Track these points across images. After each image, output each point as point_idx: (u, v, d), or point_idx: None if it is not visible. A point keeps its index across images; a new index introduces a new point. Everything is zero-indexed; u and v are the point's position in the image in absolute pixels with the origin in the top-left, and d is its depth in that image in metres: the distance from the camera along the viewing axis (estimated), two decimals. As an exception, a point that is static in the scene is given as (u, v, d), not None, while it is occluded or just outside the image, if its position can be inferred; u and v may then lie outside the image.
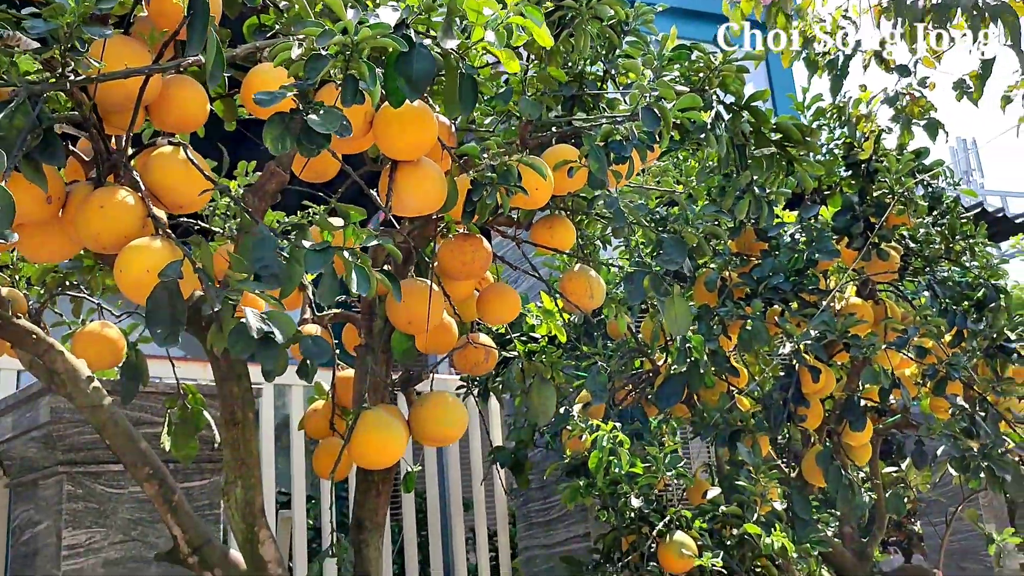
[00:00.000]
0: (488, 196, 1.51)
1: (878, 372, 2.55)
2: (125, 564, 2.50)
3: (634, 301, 1.84)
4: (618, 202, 1.76)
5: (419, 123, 1.49)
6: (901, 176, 2.92)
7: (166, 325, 1.23)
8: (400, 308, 1.81)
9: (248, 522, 1.70)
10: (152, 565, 2.52)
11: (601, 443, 2.29)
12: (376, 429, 1.65)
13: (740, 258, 3.10)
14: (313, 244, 1.25)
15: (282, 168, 1.70)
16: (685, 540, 2.15)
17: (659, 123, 1.64)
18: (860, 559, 3.23)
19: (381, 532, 2.01)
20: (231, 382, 1.69)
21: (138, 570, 2.52)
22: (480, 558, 4.08)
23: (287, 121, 1.22)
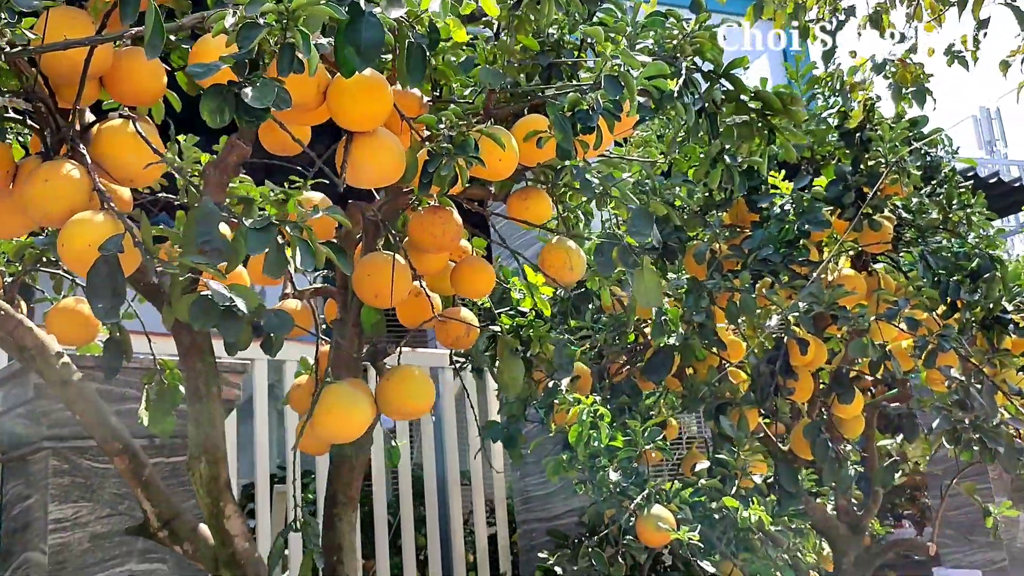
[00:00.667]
0: (444, 167, 1.49)
1: (866, 344, 2.51)
2: (111, 538, 2.52)
3: (604, 273, 1.82)
4: (584, 172, 1.73)
5: (372, 93, 1.47)
6: (895, 145, 2.86)
7: (107, 299, 1.22)
8: (365, 281, 1.80)
9: (213, 497, 1.70)
10: (138, 540, 2.54)
11: (581, 417, 2.27)
12: (338, 403, 1.64)
13: (731, 230, 3.06)
14: (254, 221, 1.24)
15: (244, 141, 1.68)
16: (662, 513, 2.14)
17: (622, 91, 1.61)
18: (854, 532, 3.21)
19: (355, 506, 2.01)
20: (194, 357, 1.69)
21: (124, 544, 2.54)
22: (478, 532, 4.09)
23: (224, 94, 1.20)
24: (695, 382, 2.78)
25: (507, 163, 1.70)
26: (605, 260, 1.80)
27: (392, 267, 1.72)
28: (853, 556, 3.18)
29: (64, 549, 2.46)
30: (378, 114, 1.50)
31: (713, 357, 2.98)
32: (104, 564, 2.51)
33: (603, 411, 2.29)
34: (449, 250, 1.95)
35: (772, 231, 2.82)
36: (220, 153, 1.68)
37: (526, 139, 1.80)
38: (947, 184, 3.15)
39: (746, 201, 2.99)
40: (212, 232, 1.25)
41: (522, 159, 1.89)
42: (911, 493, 8.14)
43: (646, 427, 2.29)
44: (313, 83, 1.46)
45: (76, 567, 2.47)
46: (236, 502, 1.73)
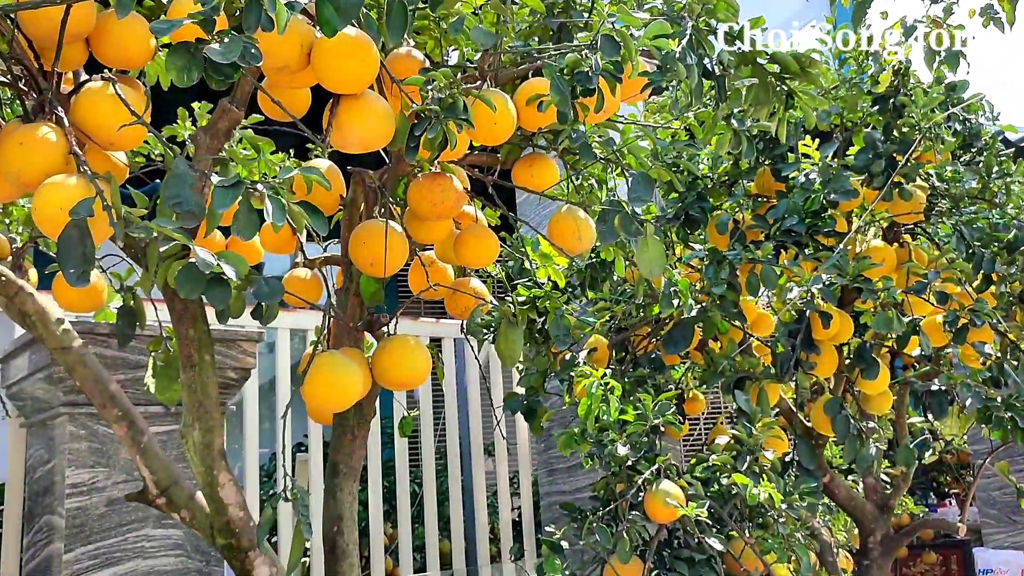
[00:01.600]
0: (430, 130, 1.44)
1: (891, 318, 2.42)
2: (128, 503, 2.55)
3: (606, 242, 1.76)
4: (584, 136, 1.67)
5: (356, 54, 1.42)
6: (929, 110, 2.74)
7: (77, 264, 1.20)
8: (361, 249, 1.77)
9: (207, 464, 1.69)
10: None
11: (591, 389, 2.23)
12: (326, 371, 1.61)
13: (756, 200, 2.97)
14: (222, 179, 1.21)
15: (235, 105, 1.66)
16: (671, 489, 2.09)
17: (619, 51, 1.54)
18: (882, 511, 3.13)
19: (356, 477, 2.00)
20: (187, 323, 1.67)
21: (140, 509, 2.57)
22: (501, 504, 4.08)
23: (193, 51, 1.17)
24: (715, 355, 2.72)
25: (503, 127, 1.65)
26: (608, 228, 1.74)
27: (385, 234, 1.68)
28: (880, 536, 3.10)
29: (81, 513, 2.50)
30: (363, 75, 1.45)
31: (736, 331, 2.91)
32: (120, 528, 2.55)
33: (614, 383, 2.24)
34: (449, 217, 1.91)
35: (797, 201, 2.73)
36: (211, 118, 1.66)
37: (528, 103, 1.75)
38: (986, 152, 3.02)
39: (771, 170, 2.90)
40: (184, 193, 1.22)
41: (524, 124, 1.84)
42: (957, 472, 7.96)
43: (657, 401, 2.23)
44: (296, 43, 1.43)
45: (93, 531, 2.50)
46: (229, 470, 1.72)
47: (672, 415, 2.18)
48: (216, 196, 1.18)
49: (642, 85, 1.83)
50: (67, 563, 2.43)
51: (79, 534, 2.47)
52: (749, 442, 2.24)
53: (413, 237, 2.02)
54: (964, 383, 2.56)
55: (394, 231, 1.75)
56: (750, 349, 2.97)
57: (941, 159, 2.76)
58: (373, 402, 2.00)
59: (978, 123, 3.07)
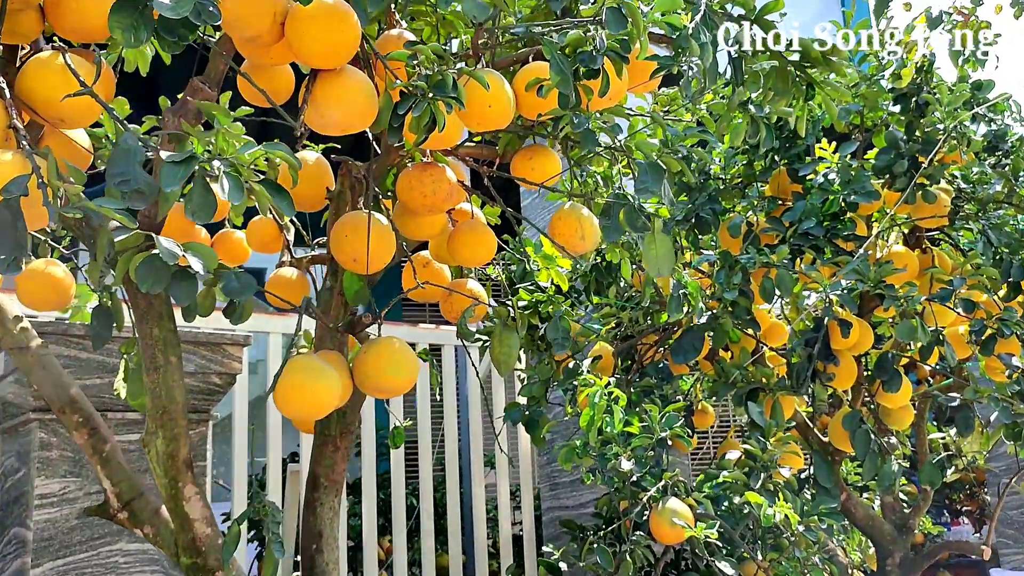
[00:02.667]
0: (415, 108, 1.30)
1: (915, 327, 2.26)
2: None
3: (611, 239, 1.61)
4: (587, 122, 1.52)
5: (333, 23, 1.29)
6: (954, 109, 2.59)
7: (7, 249, 1.06)
8: (344, 244, 1.62)
9: (171, 476, 1.55)
10: (129, 517, 2.42)
11: (593, 400, 2.07)
12: (301, 377, 1.46)
13: (771, 201, 2.82)
14: (172, 155, 1.06)
15: (207, 85, 1.52)
16: (679, 508, 1.93)
17: (625, 25, 1.40)
18: (900, 532, 2.96)
19: (338, 490, 1.85)
20: (151, 322, 1.53)
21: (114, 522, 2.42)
22: (501, 519, 3.92)
23: (141, 8, 1.03)
24: (726, 365, 2.56)
25: (498, 110, 1.50)
26: (612, 223, 1.60)
27: (368, 227, 1.53)
28: (899, 557, 2.93)
29: (51, 526, 2.35)
30: (342, 48, 1.31)
31: (749, 339, 2.75)
32: (92, 543, 2.40)
33: (618, 393, 2.09)
34: (441, 211, 1.76)
35: (815, 202, 2.58)
36: (180, 98, 1.52)
37: (527, 88, 1.60)
38: (1014, 154, 2.86)
39: (787, 170, 2.75)
40: (130, 170, 1.08)
41: (523, 111, 1.69)
42: (970, 489, 7.77)
43: (664, 412, 2.08)
44: (267, 11, 1.29)
45: (62, 544, 2.36)
46: (197, 483, 1.57)
47: (681, 428, 2.02)
48: (165, 173, 1.04)
49: (652, 70, 1.68)
50: (35, 578, 2.29)
51: (48, 548, 2.32)
52: (763, 458, 2.08)
53: (404, 233, 1.88)
54: (992, 397, 2.39)
55: (379, 224, 1.60)
56: (763, 359, 2.82)
57: (967, 160, 2.61)
58: (357, 410, 1.86)
59: (1005, 124, 2.92)
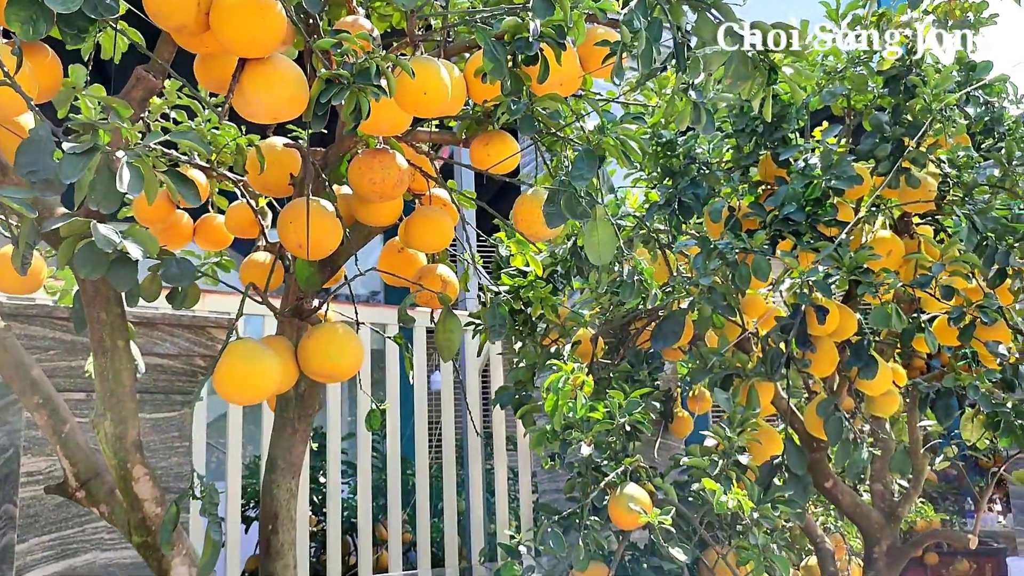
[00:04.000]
0: (337, 97, 1.31)
1: (889, 314, 2.23)
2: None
3: (553, 225, 1.61)
4: (523, 107, 1.52)
5: (255, 11, 1.30)
6: (941, 91, 2.53)
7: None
8: (288, 231, 1.64)
9: (120, 458, 1.59)
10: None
11: (557, 385, 2.08)
12: (238, 361, 1.49)
13: (756, 186, 2.79)
14: (74, 145, 1.09)
15: (152, 73, 1.54)
16: (636, 493, 1.93)
17: (552, 11, 1.40)
18: (889, 520, 2.93)
19: (296, 472, 1.88)
20: (98, 307, 1.56)
21: (99, 500, 2.49)
22: (499, 501, 3.95)
23: (37, 1, 1.05)
24: (704, 350, 2.55)
25: (435, 98, 1.50)
26: (555, 210, 1.60)
27: (307, 212, 1.55)
28: (886, 545, 2.91)
29: (36, 502, 2.42)
30: (267, 37, 1.33)
31: (732, 326, 2.74)
32: (77, 519, 2.47)
33: (583, 379, 2.10)
34: (392, 198, 1.77)
35: (796, 187, 2.55)
36: (125, 87, 1.54)
37: (476, 74, 1.61)
38: (1008, 137, 2.80)
39: (771, 155, 2.72)
40: (40, 160, 1.10)
41: (473, 96, 1.70)
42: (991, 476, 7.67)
43: (629, 397, 2.08)
44: (191, 1, 1.30)
45: (48, 521, 2.42)
46: (146, 463, 1.61)
47: (642, 412, 2.02)
48: (64, 163, 1.07)
49: (603, 56, 1.68)
50: (20, 554, 2.36)
51: (33, 524, 2.40)
52: (723, 444, 2.07)
53: (361, 219, 1.90)
54: (972, 386, 2.36)
55: (322, 210, 1.62)
56: (747, 345, 2.80)
57: (953, 143, 2.56)
58: (315, 394, 1.88)
59: (1000, 106, 2.86)
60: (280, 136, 1.96)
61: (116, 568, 2.49)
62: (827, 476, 2.82)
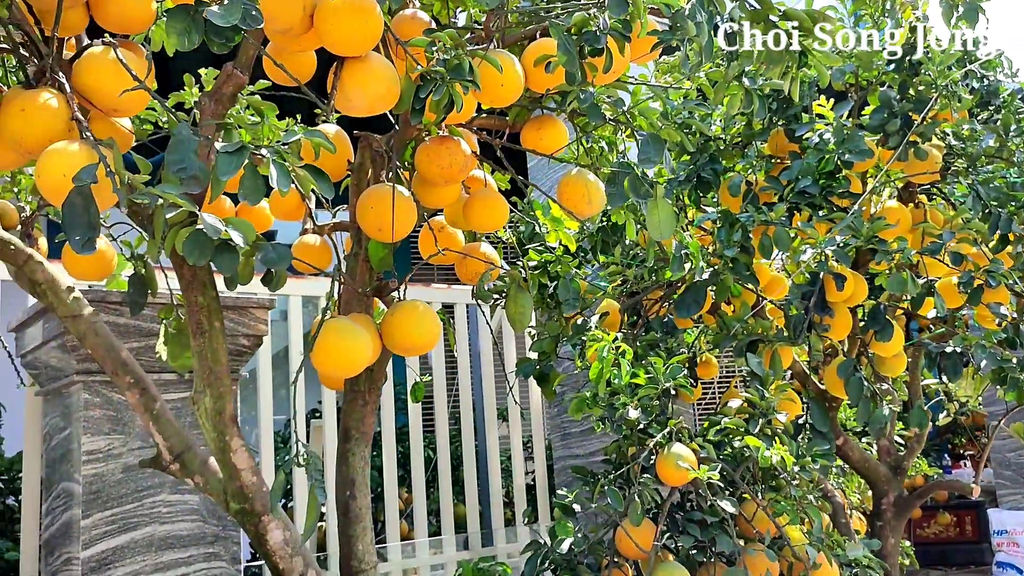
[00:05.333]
0: (435, 92, 1.42)
1: (905, 280, 2.39)
2: (143, 469, 2.58)
3: (615, 205, 1.74)
4: (592, 97, 1.64)
5: (358, 14, 1.40)
6: (945, 68, 2.68)
7: (83, 231, 1.20)
8: (369, 214, 1.75)
9: (219, 431, 1.70)
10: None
11: (602, 354, 2.22)
12: (337, 337, 1.61)
13: (769, 161, 2.93)
14: (225, 145, 1.19)
15: (240, 70, 1.64)
16: (683, 452, 2.08)
17: (627, 8, 1.51)
18: (895, 473, 3.12)
19: (367, 441, 2.00)
20: (196, 291, 1.67)
21: (156, 475, 2.60)
22: (515, 468, 4.10)
23: (192, 14, 1.15)
24: (727, 318, 2.70)
25: (510, 88, 1.62)
26: (617, 191, 1.73)
27: (392, 198, 1.66)
28: (893, 497, 3.10)
29: (98, 479, 2.52)
30: (366, 37, 1.43)
31: (749, 294, 2.89)
32: (137, 494, 2.57)
33: (625, 348, 2.23)
34: (457, 182, 1.89)
35: (811, 162, 2.69)
36: (215, 83, 1.64)
37: (536, 64, 1.72)
38: (1004, 110, 2.96)
39: (785, 131, 2.86)
40: (187, 158, 1.21)
41: (532, 85, 1.81)
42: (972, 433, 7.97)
43: (668, 364, 2.22)
44: (298, 5, 1.41)
45: (110, 497, 2.53)
46: (242, 435, 1.73)
47: (684, 378, 2.17)
48: (220, 162, 1.17)
49: (652, 44, 1.80)
50: (85, 528, 2.46)
51: (96, 500, 2.50)
52: (761, 405, 2.23)
53: (422, 202, 2.01)
54: (979, 344, 2.53)
55: (401, 196, 1.73)
56: (763, 312, 2.96)
57: (958, 118, 2.71)
58: (384, 367, 2.00)
59: (996, 80, 3.02)
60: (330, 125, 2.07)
61: (173, 540, 2.60)
62: (838, 433, 3.00)
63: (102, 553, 2.48)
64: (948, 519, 7.01)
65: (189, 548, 2.62)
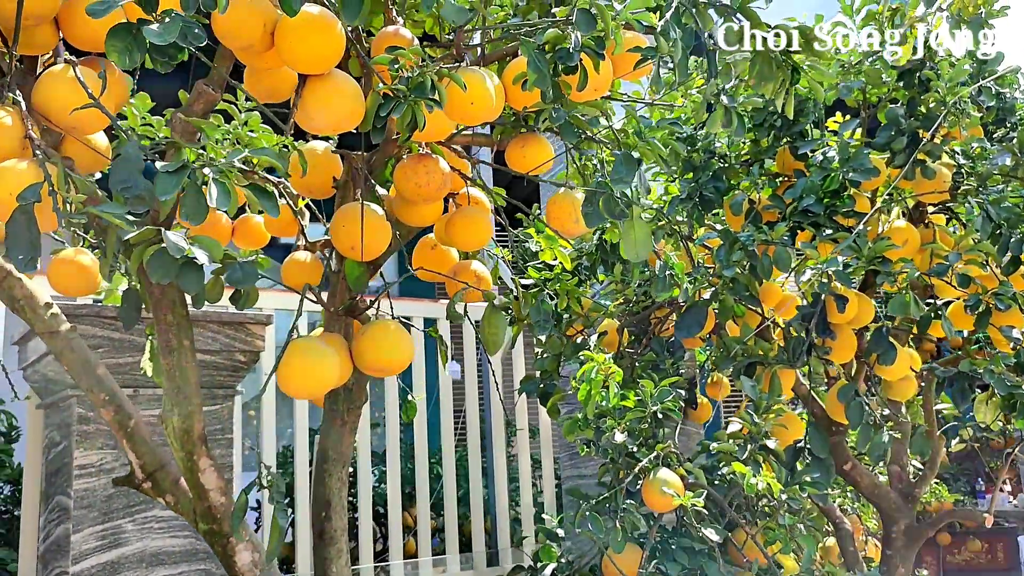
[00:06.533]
0: (396, 110, 1.40)
1: (908, 302, 2.32)
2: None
3: (591, 225, 1.70)
4: (565, 115, 1.61)
5: (318, 32, 1.39)
6: (955, 84, 2.61)
7: (25, 251, 1.19)
8: (341, 232, 1.74)
9: (187, 450, 1.69)
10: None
11: (590, 375, 2.18)
12: (301, 358, 1.59)
13: (775, 179, 2.88)
14: (166, 164, 1.18)
15: (211, 87, 1.63)
16: (668, 477, 2.03)
17: (595, 25, 1.48)
18: (906, 500, 3.03)
19: (345, 462, 1.98)
20: (164, 309, 1.66)
21: (148, 491, 2.59)
22: (523, 487, 4.05)
23: (134, 32, 1.14)
24: (727, 339, 2.64)
25: (480, 107, 1.59)
26: (592, 211, 1.69)
27: (361, 216, 1.64)
28: (904, 525, 3.00)
29: (89, 494, 2.52)
30: (327, 55, 1.42)
31: (753, 314, 2.83)
32: (128, 509, 2.57)
33: (615, 369, 2.19)
34: (436, 200, 1.86)
35: (815, 180, 2.63)
36: (187, 100, 1.63)
37: (514, 82, 1.70)
38: (1020, 127, 2.88)
39: (790, 148, 2.80)
40: (132, 177, 1.20)
41: (512, 103, 1.78)
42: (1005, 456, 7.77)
43: (658, 387, 2.17)
44: (258, 22, 1.39)
45: (101, 512, 2.53)
46: (211, 455, 1.71)
47: (673, 401, 2.12)
48: (159, 182, 1.16)
49: (636, 61, 1.76)
50: (75, 543, 2.46)
51: (87, 515, 2.50)
52: (752, 430, 2.17)
53: (404, 220, 1.99)
54: (987, 369, 2.45)
55: (373, 214, 1.71)
56: (769, 333, 2.89)
57: (967, 135, 2.64)
58: (364, 388, 1.98)
59: (1012, 97, 2.94)
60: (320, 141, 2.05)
61: (165, 556, 2.59)
62: (846, 459, 2.92)
63: (92, 568, 2.48)
64: (979, 546, 6.82)
65: (180, 564, 2.61)
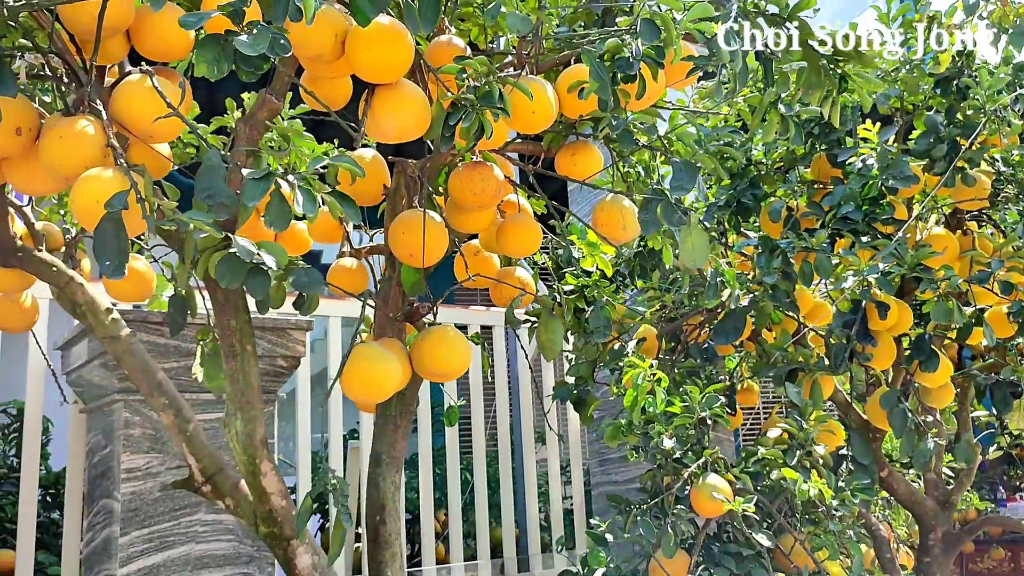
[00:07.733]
0: (465, 119, 1.42)
1: (950, 309, 2.33)
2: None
3: (648, 232, 1.72)
4: (625, 123, 1.63)
5: (390, 43, 1.41)
6: (994, 92, 2.62)
7: (113, 256, 1.22)
8: (400, 240, 1.76)
9: (249, 454, 1.71)
10: (206, 490, 2.62)
11: (636, 381, 2.19)
12: (365, 363, 1.61)
13: (811, 186, 2.89)
14: (252, 171, 1.20)
15: (275, 96, 1.66)
16: (717, 483, 2.04)
17: (659, 35, 1.50)
18: (943, 507, 3.03)
19: (398, 466, 2.00)
20: (228, 314, 1.69)
21: (192, 494, 2.61)
22: (552, 494, 4.07)
23: (222, 43, 1.17)
24: (767, 346, 2.65)
25: (541, 115, 1.62)
26: (650, 217, 1.71)
27: (423, 224, 1.66)
28: (941, 532, 3.00)
29: (136, 497, 2.55)
30: (397, 64, 1.44)
31: (791, 321, 2.84)
32: (174, 513, 2.60)
33: (661, 375, 2.20)
34: (491, 207, 1.89)
35: (853, 187, 2.64)
36: (250, 109, 1.66)
37: (569, 90, 1.72)
38: (1059, 135, 2.88)
39: (827, 155, 2.81)
40: (215, 185, 1.22)
41: (566, 111, 1.81)
42: (1029, 466, 7.73)
43: (705, 393, 2.19)
44: (329, 32, 1.42)
45: (147, 515, 2.56)
46: (272, 459, 1.73)
47: (721, 407, 2.13)
48: (247, 188, 1.18)
49: (688, 70, 1.78)
50: (122, 546, 2.49)
51: (134, 518, 2.53)
52: (799, 436, 2.18)
53: (455, 227, 2.01)
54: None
55: (433, 221, 1.73)
56: (805, 340, 2.90)
57: (1008, 143, 2.65)
58: (416, 392, 2.00)
59: (1051, 105, 2.94)
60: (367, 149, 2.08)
61: (209, 559, 2.62)
62: (882, 465, 2.92)
63: (139, 571, 2.51)
64: (1002, 554, 6.78)
65: (224, 568, 2.64)
